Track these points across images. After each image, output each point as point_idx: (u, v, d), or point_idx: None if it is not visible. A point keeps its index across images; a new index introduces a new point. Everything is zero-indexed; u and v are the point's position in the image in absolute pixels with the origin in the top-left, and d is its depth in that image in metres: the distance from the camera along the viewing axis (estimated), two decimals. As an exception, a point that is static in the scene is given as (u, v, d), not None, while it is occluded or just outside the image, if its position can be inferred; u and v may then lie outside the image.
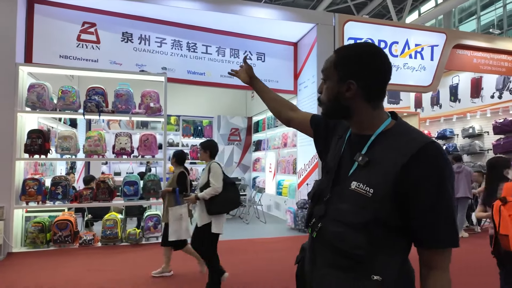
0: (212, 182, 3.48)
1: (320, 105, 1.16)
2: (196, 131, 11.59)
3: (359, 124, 1.11)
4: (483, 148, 9.74)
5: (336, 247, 1.04)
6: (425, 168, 0.96)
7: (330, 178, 1.12)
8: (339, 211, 1.05)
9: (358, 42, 1.24)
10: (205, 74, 7.08)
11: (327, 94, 1.12)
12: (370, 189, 1.00)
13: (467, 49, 8.06)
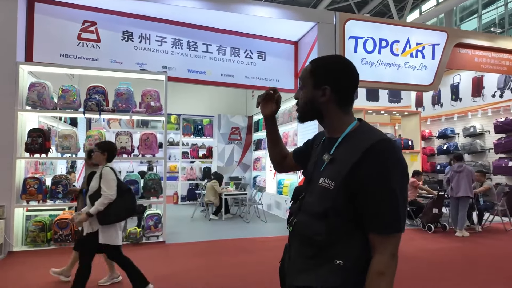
0: (104, 189, 3.18)
1: (297, 110, 1.30)
2: (196, 130, 11.59)
3: (331, 127, 1.26)
4: (484, 147, 9.72)
5: (302, 235, 1.21)
6: (371, 163, 1.09)
7: (306, 179, 1.29)
8: (307, 204, 1.22)
9: (330, 55, 1.33)
10: (206, 73, 7.07)
11: (303, 98, 1.26)
12: (332, 182, 1.14)
13: (468, 48, 8.03)
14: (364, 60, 7.20)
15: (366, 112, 9.66)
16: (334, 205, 1.13)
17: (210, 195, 8.19)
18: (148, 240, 5.82)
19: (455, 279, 4.06)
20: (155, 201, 6.15)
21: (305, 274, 1.17)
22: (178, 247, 5.58)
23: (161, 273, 4.27)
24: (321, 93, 1.21)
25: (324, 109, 1.23)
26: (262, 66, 7.46)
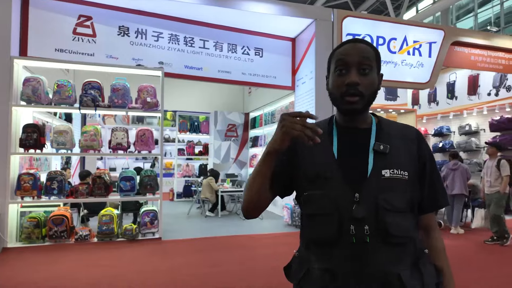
0: None
1: (357, 98, 1.04)
2: (192, 126, 11.55)
3: (364, 118, 1.13)
4: (479, 145, 9.78)
5: (393, 236, 0.99)
6: (426, 148, 1.13)
7: (352, 176, 1.03)
8: (385, 202, 1.00)
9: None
10: (203, 69, 7.03)
11: (373, 84, 1.07)
12: (405, 172, 1.04)
13: (464, 46, 8.05)
14: (361, 57, 7.20)
15: (362, 109, 9.69)
16: (412, 195, 1.05)
17: (207, 192, 8.18)
18: (144, 237, 5.80)
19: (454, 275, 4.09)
20: (151, 198, 6.12)
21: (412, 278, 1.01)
22: (175, 244, 5.56)
23: (157, 269, 4.25)
24: (379, 80, 1.11)
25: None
26: (259, 62, 7.43)
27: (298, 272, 1.09)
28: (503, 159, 5.90)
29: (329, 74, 1.13)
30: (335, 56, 1.10)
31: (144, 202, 6.61)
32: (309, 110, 7.09)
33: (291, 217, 6.98)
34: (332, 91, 1.10)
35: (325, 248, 1.02)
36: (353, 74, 1.04)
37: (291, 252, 1.26)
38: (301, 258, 1.10)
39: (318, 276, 1.02)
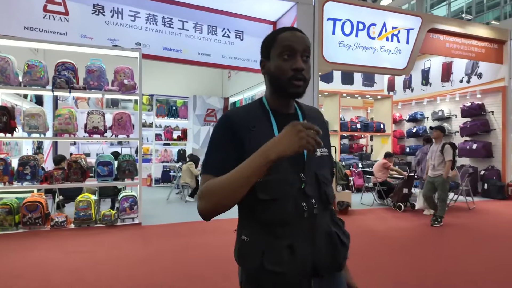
0: None
1: (302, 83, 1.11)
2: (170, 111, 11.32)
3: (292, 104, 1.21)
4: (451, 130, 10.17)
5: (329, 203, 1.19)
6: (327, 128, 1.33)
7: (296, 158, 1.09)
8: (323, 177, 1.17)
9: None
10: (182, 51, 6.85)
11: (309, 72, 1.13)
12: (325, 150, 1.22)
13: (440, 34, 8.25)
14: (342, 42, 7.23)
15: (341, 95, 9.80)
16: (331, 168, 1.28)
17: (186, 177, 8.10)
18: (123, 222, 5.69)
19: (425, 253, 4.28)
20: (130, 183, 5.99)
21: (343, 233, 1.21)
22: (155, 229, 5.50)
23: (138, 254, 4.20)
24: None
25: None
26: (240, 46, 7.32)
27: (256, 254, 1.08)
28: (447, 144, 5.87)
29: (269, 59, 1.14)
30: (281, 41, 1.11)
31: (122, 188, 6.47)
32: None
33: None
34: (277, 75, 1.11)
35: (284, 227, 1.08)
36: (299, 60, 1.10)
37: None
38: (253, 242, 1.10)
39: (280, 253, 1.06)
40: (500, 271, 3.69)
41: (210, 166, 1.09)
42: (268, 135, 1.04)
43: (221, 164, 1.06)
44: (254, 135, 1.09)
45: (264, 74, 1.17)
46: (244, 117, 1.13)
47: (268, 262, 1.05)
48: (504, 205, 7.87)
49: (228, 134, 1.10)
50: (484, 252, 4.35)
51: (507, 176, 8.79)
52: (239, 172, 0.97)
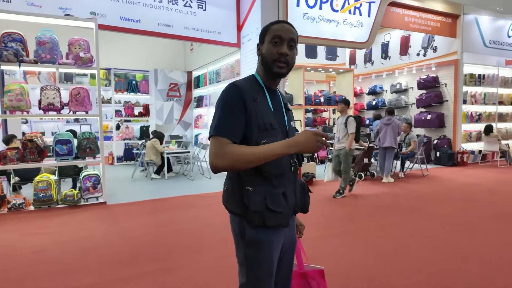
0: None
1: (285, 65, 1.40)
2: (130, 86, 10.82)
3: (279, 82, 1.50)
4: (408, 102, 10.68)
5: (301, 162, 1.55)
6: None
7: (282, 129, 1.45)
8: None
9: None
10: (141, 22, 6.49)
11: (293, 58, 1.43)
12: (294, 123, 1.57)
13: (399, 7, 8.46)
14: (306, 15, 7.21)
15: (305, 69, 9.87)
16: None
17: (151, 154, 7.91)
18: (87, 202, 5.51)
19: (385, 217, 4.58)
20: (92, 161, 5.76)
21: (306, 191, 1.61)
22: (122, 207, 5.39)
23: (108, 233, 4.11)
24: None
25: None
26: (202, 16, 7.06)
27: (261, 199, 1.35)
28: (350, 117, 5.77)
29: (263, 44, 1.43)
30: (272, 31, 1.40)
31: (84, 167, 6.21)
32: (255, 68, 7.02)
33: (239, 175, 7.10)
34: (266, 56, 1.40)
35: (279, 178, 1.41)
36: (285, 47, 1.39)
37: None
38: (258, 189, 1.36)
39: (279, 197, 1.39)
40: (452, 228, 4.05)
41: (225, 129, 1.31)
42: (266, 106, 1.42)
43: (235, 127, 1.32)
44: (257, 105, 1.38)
45: (259, 56, 1.45)
46: (249, 88, 1.38)
47: (270, 204, 1.35)
48: (454, 171, 8.53)
49: (240, 100, 1.33)
50: (438, 213, 4.73)
51: (457, 144, 9.47)
52: (262, 153, 1.27)
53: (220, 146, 1.29)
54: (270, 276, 1.42)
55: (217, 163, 1.28)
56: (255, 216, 1.34)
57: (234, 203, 1.40)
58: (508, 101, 10.74)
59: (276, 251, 1.43)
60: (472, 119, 10.01)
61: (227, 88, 1.36)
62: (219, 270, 3.03)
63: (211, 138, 1.33)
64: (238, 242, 1.44)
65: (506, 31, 10.29)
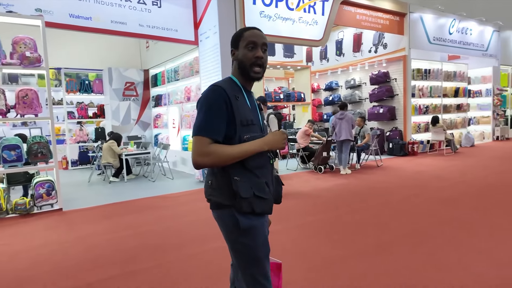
0: None
1: (260, 68, 1.56)
2: (83, 86, 10.33)
3: (253, 84, 1.66)
4: (361, 97, 11.18)
5: (276, 156, 1.71)
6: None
7: (257, 126, 1.60)
8: None
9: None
10: (92, 19, 6.22)
11: (267, 60, 1.60)
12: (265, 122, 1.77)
13: (351, 6, 8.82)
14: (263, 13, 7.30)
15: (263, 66, 9.99)
16: None
17: (108, 157, 7.63)
18: (40, 210, 5.22)
19: (346, 207, 4.80)
20: (44, 167, 5.45)
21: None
22: (79, 213, 5.17)
23: (65, 240, 3.93)
24: None
25: None
26: (158, 13, 6.90)
27: (248, 187, 1.50)
28: (271, 114, 5.50)
29: (238, 49, 1.57)
30: (246, 38, 1.54)
31: (35, 173, 5.87)
32: (214, 66, 7.01)
33: (203, 173, 7.08)
34: (243, 60, 1.54)
35: (262, 168, 1.57)
36: (260, 51, 1.54)
37: (207, 207, 1.54)
38: (244, 179, 1.49)
39: (263, 186, 1.55)
40: (403, 213, 4.34)
41: (208, 129, 1.44)
42: (245, 104, 1.56)
43: (218, 128, 1.45)
44: (238, 103, 1.51)
45: (234, 60, 1.59)
46: (230, 89, 1.51)
47: (257, 191, 1.51)
48: (405, 160, 9.09)
49: (223, 101, 1.46)
50: (390, 200, 5.04)
51: (407, 135, 10.09)
52: (243, 151, 1.45)
53: (203, 145, 1.42)
54: (267, 256, 1.59)
55: (200, 161, 1.42)
56: (244, 203, 1.47)
57: (221, 195, 1.51)
58: (452, 93, 11.60)
59: (266, 234, 1.61)
60: (420, 111, 10.70)
61: (211, 90, 1.48)
62: (187, 269, 3.03)
63: (194, 137, 1.45)
64: (230, 234, 1.53)
65: (447, 28, 11.09)
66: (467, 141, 11.61)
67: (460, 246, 3.28)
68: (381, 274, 2.78)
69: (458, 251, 3.18)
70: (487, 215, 4.23)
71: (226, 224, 1.53)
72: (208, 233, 3.96)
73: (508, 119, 13.73)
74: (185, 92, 8.52)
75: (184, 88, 8.60)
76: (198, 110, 1.48)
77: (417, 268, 2.86)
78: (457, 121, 11.90)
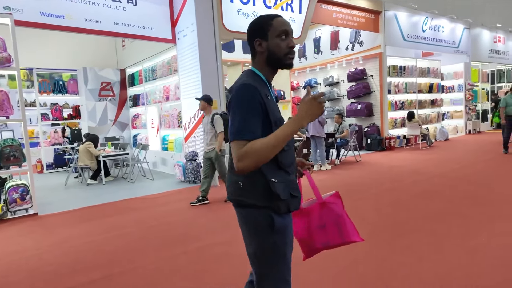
0: None
1: (292, 56, 1.47)
2: (57, 86, 10.01)
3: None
4: (340, 94, 11.34)
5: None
6: None
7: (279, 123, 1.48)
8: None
9: None
10: (65, 17, 6.04)
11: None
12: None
13: (328, 4, 8.93)
14: (241, 11, 7.28)
15: (243, 64, 9.97)
16: None
17: (85, 159, 7.43)
18: (15, 215, 5.03)
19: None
20: (17, 170, 5.26)
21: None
22: (56, 217, 5.02)
23: (41, 245, 3.81)
24: None
25: None
26: (133, 11, 6.77)
27: (286, 188, 1.45)
28: (216, 115, 5.13)
29: (267, 40, 1.44)
30: (278, 27, 1.44)
31: (8, 177, 5.65)
32: (193, 64, 6.95)
33: (184, 173, 7.01)
34: (275, 51, 1.44)
35: (292, 165, 1.52)
36: (292, 40, 1.47)
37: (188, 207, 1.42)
38: (281, 181, 1.45)
39: (295, 183, 1.54)
40: (382, 206, 4.45)
41: (248, 132, 1.32)
42: (273, 101, 1.47)
43: (256, 130, 1.33)
44: (269, 102, 1.42)
45: (259, 51, 1.46)
46: (260, 86, 1.41)
47: (292, 191, 1.49)
48: (383, 155, 9.30)
49: (258, 101, 1.36)
50: (369, 194, 5.15)
51: (384, 131, 10.33)
52: (280, 135, 1.31)
53: (239, 148, 1.30)
54: (290, 255, 1.55)
55: (241, 166, 1.30)
56: (282, 204, 1.44)
57: (255, 197, 1.43)
58: (426, 89, 11.95)
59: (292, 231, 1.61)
60: (397, 107, 10.97)
61: (244, 89, 1.36)
62: (167, 270, 2.99)
63: (232, 142, 1.34)
64: (260, 233, 1.45)
65: (421, 26, 11.41)
66: (442, 135, 12.00)
67: (436, 237, 3.39)
68: (361, 267, 2.84)
69: (435, 242, 3.28)
70: (460, 206, 4.39)
71: (259, 223, 1.45)
72: (189, 234, 3.93)
73: (479, 113, 14.28)
74: (164, 91, 8.40)
75: (162, 87, 8.48)
76: (232, 113, 1.37)
77: (397, 259, 2.94)
78: (432, 116, 12.28)
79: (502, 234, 3.35)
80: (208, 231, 3.97)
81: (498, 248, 3.04)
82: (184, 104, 7.43)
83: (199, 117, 6.92)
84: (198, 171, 6.86)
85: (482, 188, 5.22)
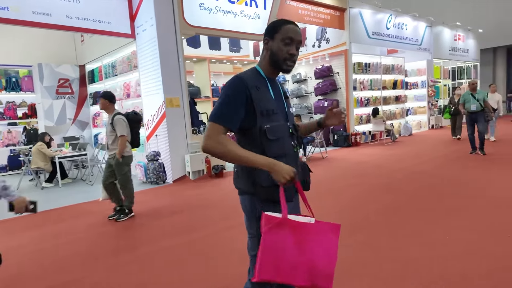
0: None
1: (291, 63, 1.58)
2: (10, 83, 9.40)
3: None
4: (307, 91, 11.38)
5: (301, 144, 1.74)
6: None
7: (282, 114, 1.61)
8: (295, 125, 1.74)
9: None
10: (10, 9, 5.61)
11: (297, 57, 1.62)
12: (293, 109, 1.79)
13: (293, 0, 8.88)
14: (202, 5, 7.08)
15: (210, 61, 9.76)
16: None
17: (38, 161, 7.00)
18: (-46, 224, 4.63)
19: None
20: (-42, 175, 4.84)
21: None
22: (4, 224, 4.67)
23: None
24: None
25: None
26: (88, 4, 6.41)
27: (268, 177, 1.49)
28: (117, 115, 4.45)
29: (273, 40, 1.56)
30: (285, 32, 1.54)
31: None
32: (153, 60, 6.69)
33: (146, 174, 6.75)
34: (277, 53, 1.55)
35: (285, 157, 1.55)
36: (294, 48, 1.57)
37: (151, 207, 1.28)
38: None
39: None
40: (346, 200, 4.45)
41: (224, 118, 1.46)
42: (268, 94, 1.57)
43: (233, 118, 1.47)
44: (259, 93, 1.53)
45: (265, 49, 1.59)
46: (252, 79, 1.53)
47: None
48: (349, 151, 9.42)
49: (243, 92, 1.49)
50: (333, 189, 5.15)
51: (350, 127, 10.46)
52: (250, 159, 1.44)
53: (217, 132, 1.45)
54: None
55: (211, 146, 1.44)
56: (264, 191, 1.52)
57: (243, 182, 1.57)
58: (390, 86, 12.22)
59: None
60: (362, 104, 11.15)
61: (233, 80, 1.51)
62: (119, 277, 2.81)
63: (209, 122, 1.47)
64: (250, 217, 1.60)
65: (385, 23, 11.63)
66: (406, 130, 12.34)
67: (395, 230, 3.40)
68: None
69: (393, 235, 3.29)
70: (418, 198, 4.46)
71: (246, 209, 1.60)
72: (143, 238, 3.75)
73: (441, 108, 14.82)
74: (124, 88, 8.06)
75: (123, 84, 8.13)
76: (219, 98, 1.52)
77: (355, 254, 2.91)
78: (396, 112, 12.59)
79: (457, 228, 3.41)
80: (164, 235, 3.80)
81: (454, 242, 3.08)
82: (146, 102, 7.15)
83: (161, 114, 6.68)
84: (161, 171, 6.63)
85: (437, 180, 5.34)
